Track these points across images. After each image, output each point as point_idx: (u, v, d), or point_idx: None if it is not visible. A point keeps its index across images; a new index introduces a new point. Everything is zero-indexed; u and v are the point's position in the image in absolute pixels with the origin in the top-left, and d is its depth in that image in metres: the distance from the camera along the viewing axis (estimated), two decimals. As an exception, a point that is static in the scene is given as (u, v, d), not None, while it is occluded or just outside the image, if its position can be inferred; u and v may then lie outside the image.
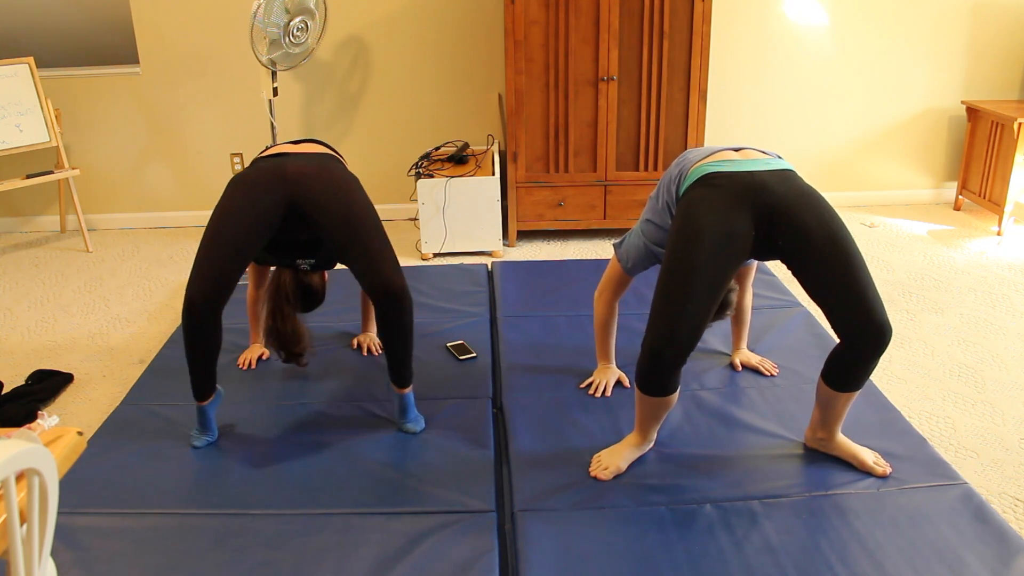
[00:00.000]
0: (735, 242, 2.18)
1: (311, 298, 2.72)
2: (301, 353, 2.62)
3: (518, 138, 4.26)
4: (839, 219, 2.21)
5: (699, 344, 2.99)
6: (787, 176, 2.26)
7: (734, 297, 2.59)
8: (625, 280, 2.66)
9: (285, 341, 2.58)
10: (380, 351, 2.90)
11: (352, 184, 2.54)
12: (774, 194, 2.20)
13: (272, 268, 2.74)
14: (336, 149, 2.86)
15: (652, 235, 2.49)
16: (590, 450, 2.42)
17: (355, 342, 3.11)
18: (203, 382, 2.46)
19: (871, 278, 2.15)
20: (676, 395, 2.27)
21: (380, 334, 2.47)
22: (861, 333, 2.12)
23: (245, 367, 2.97)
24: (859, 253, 2.17)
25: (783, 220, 2.18)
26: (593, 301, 2.76)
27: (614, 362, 2.83)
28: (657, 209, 2.47)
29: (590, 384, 2.79)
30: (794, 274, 2.23)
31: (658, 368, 2.16)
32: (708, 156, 2.34)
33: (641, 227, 2.54)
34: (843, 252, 2.15)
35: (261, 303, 2.83)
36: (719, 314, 2.52)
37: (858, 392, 2.28)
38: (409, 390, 2.55)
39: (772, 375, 2.83)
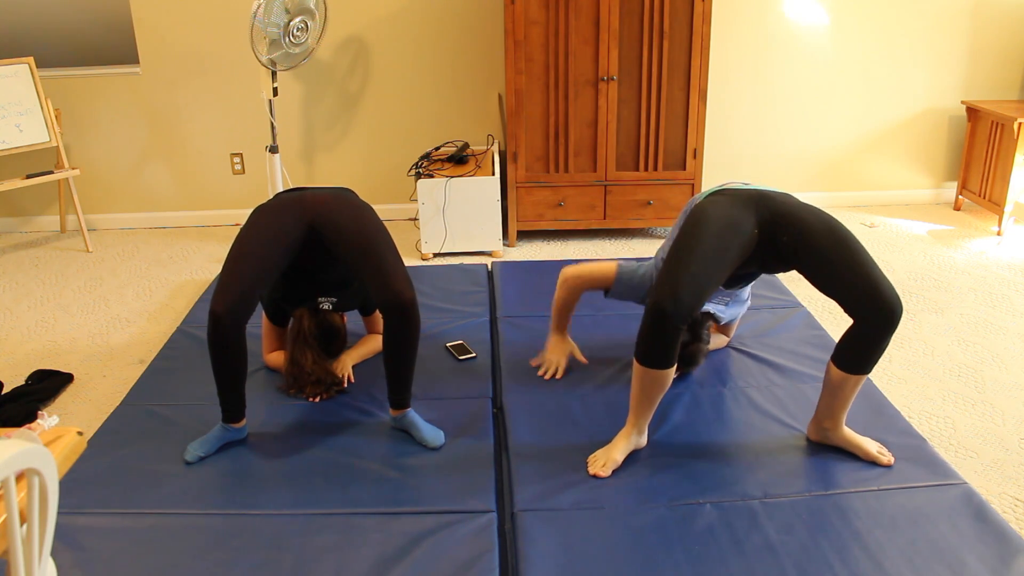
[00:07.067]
0: (740, 232, 2.35)
1: (332, 338, 2.80)
2: (331, 387, 2.75)
3: (518, 138, 4.26)
4: (837, 219, 2.39)
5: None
6: (787, 195, 2.50)
7: (708, 339, 2.78)
8: (604, 288, 2.79)
9: (305, 381, 2.71)
10: (353, 380, 2.88)
11: (366, 209, 2.66)
12: (775, 201, 2.43)
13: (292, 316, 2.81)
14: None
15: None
16: (590, 450, 2.42)
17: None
18: (232, 402, 2.47)
19: (874, 261, 2.29)
20: (671, 374, 2.30)
21: (385, 350, 2.47)
22: (873, 310, 2.22)
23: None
24: (860, 242, 2.33)
25: (784, 220, 2.38)
26: (564, 279, 2.82)
27: (568, 335, 2.93)
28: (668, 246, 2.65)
29: (541, 365, 2.89)
30: (802, 270, 2.37)
31: (660, 327, 2.19)
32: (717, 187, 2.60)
33: (656, 263, 2.71)
34: (843, 240, 2.32)
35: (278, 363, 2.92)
36: (683, 367, 2.72)
37: (865, 377, 2.33)
38: (410, 409, 2.55)
39: None
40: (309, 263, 2.66)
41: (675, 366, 2.29)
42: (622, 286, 2.75)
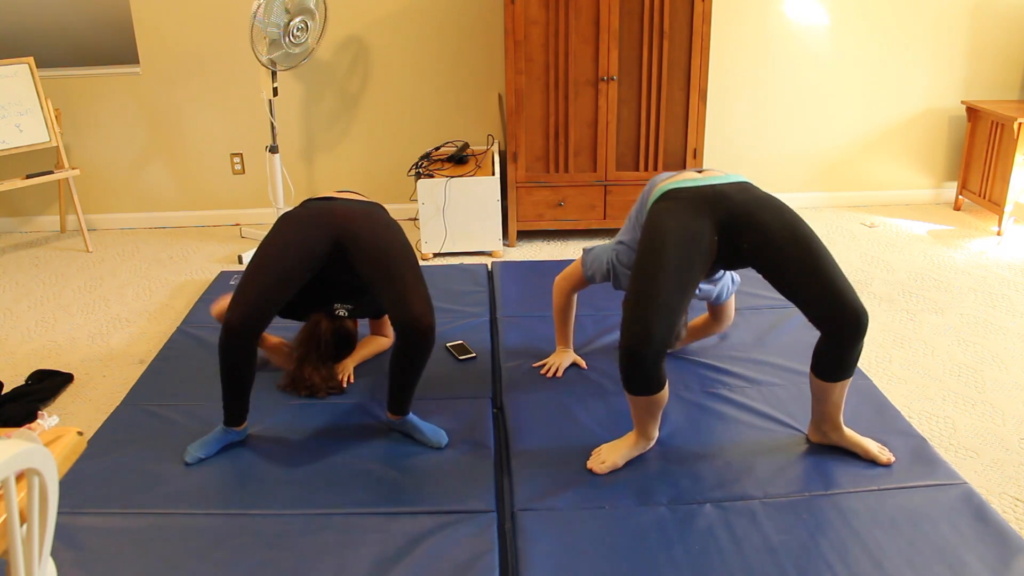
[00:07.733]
0: (699, 244, 2.26)
1: (345, 345, 2.81)
2: (331, 388, 2.77)
3: (518, 138, 4.26)
4: (800, 218, 2.29)
5: (701, 345, 3.03)
6: (745, 186, 2.38)
7: (683, 331, 2.76)
8: (583, 283, 2.79)
9: (306, 383, 2.72)
10: (352, 381, 2.88)
11: (394, 228, 2.62)
12: (733, 201, 2.31)
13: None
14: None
15: (622, 256, 2.61)
16: (590, 450, 2.42)
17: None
18: (236, 409, 2.46)
19: (839, 267, 2.22)
20: (665, 391, 2.27)
21: (393, 365, 2.44)
22: (838, 321, 2.17)
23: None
24: (823, 245, 2.24)
25: (744, 223, 2.28)
26: (554, 289, 2.86)
27: (571, 347, 2.95)
28: (629, 229, 2.61)
29: (544, 364, 2.91)
30: (764, 276, 2.29)
31: (638, 367, 2.17)
32: (672, 177, 2.47)
33: (614, 246, 2.67)
34: (807, 246, 2.22)
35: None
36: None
37: (850, 380, 2.31)
38: (410, 413, 2.54)
39: None
40: (330, 273, 2.64)
41: (666, 385, 2.25)
42: (590, 272, 2.72)
